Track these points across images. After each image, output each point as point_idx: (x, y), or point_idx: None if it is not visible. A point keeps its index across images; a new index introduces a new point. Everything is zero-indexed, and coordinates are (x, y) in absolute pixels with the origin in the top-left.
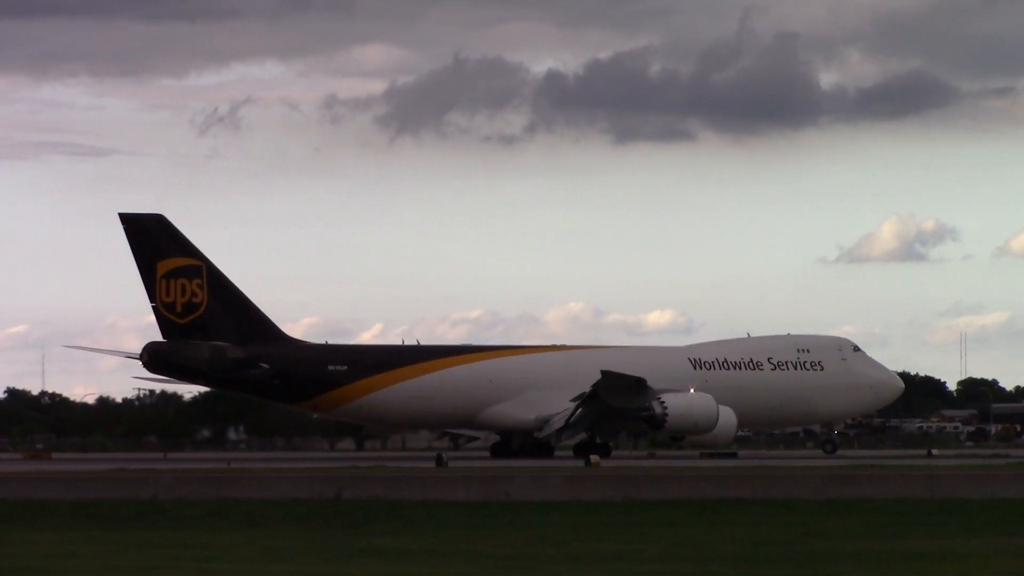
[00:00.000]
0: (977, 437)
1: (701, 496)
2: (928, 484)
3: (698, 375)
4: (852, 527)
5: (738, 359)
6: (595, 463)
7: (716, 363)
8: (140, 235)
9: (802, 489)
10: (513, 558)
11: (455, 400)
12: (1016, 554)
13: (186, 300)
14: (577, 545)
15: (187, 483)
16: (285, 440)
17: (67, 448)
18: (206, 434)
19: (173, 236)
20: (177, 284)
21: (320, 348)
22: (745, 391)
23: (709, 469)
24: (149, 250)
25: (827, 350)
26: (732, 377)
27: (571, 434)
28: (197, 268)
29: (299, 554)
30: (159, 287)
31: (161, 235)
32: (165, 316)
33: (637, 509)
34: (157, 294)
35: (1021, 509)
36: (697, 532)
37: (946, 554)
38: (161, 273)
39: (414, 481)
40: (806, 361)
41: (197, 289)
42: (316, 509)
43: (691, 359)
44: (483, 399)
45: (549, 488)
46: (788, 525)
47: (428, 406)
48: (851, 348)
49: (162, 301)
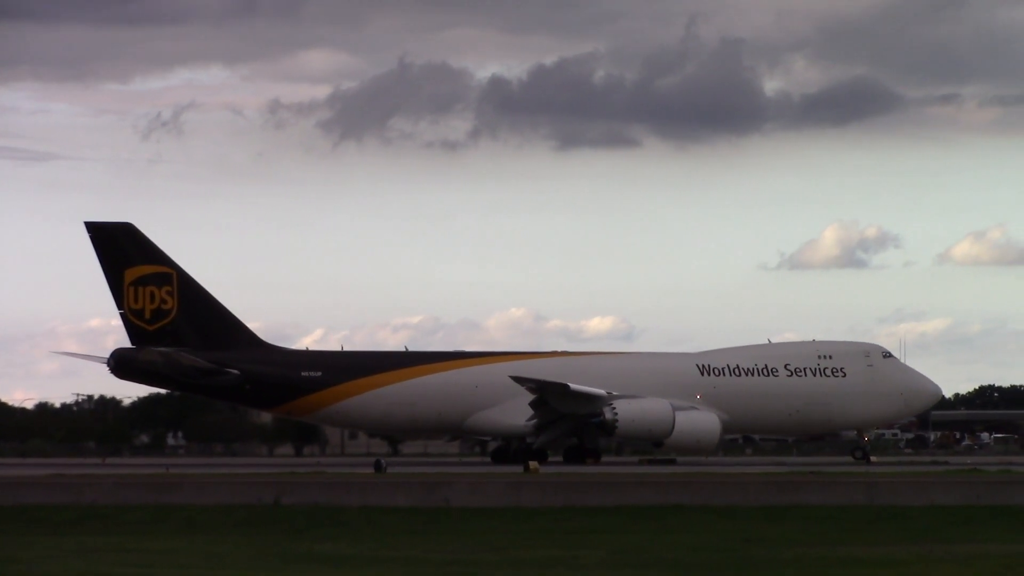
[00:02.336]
0: (916, 444)
1: (641, 502)
2: (867, 491)
3: (706, 381)
4: (791, 533)
5: (751, 365)
6: (534, 469)
7: (727, 369)
8: (107, 243)
9: (742, 495)
10: (452, 564)
11: (439, 406)
12: (955, 561)
13: (155, 307)
14: (516, 551)
15: (126, 488)
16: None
17: (6, 453)
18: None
19: (141, 244)
20: (146, 291)
21: (293, 354)
22: (758, 398)
23: (649, 476)
24: (116, 258)
25: (852, 356)
26: (743, 383)
27: (558, 440)
28: (167, 275)
29: (239, 559)
30: (127, 294)
31: (129, 243)
32: (133, 323)
33: (577, 515)
34: (125, 301)
35: (959, 516)
36: (637, 539)
37: (886, 561)
38: (129, 280)
39: (353, 487)
40: (827, 368)
41: (167, 296)
42: (256, 514)
43: (699, 365)
44: (470, 405)
45: (489, 494)
46: (728, 531)
47: (409, 412)
48: (880, 354)
49: (130, 308)
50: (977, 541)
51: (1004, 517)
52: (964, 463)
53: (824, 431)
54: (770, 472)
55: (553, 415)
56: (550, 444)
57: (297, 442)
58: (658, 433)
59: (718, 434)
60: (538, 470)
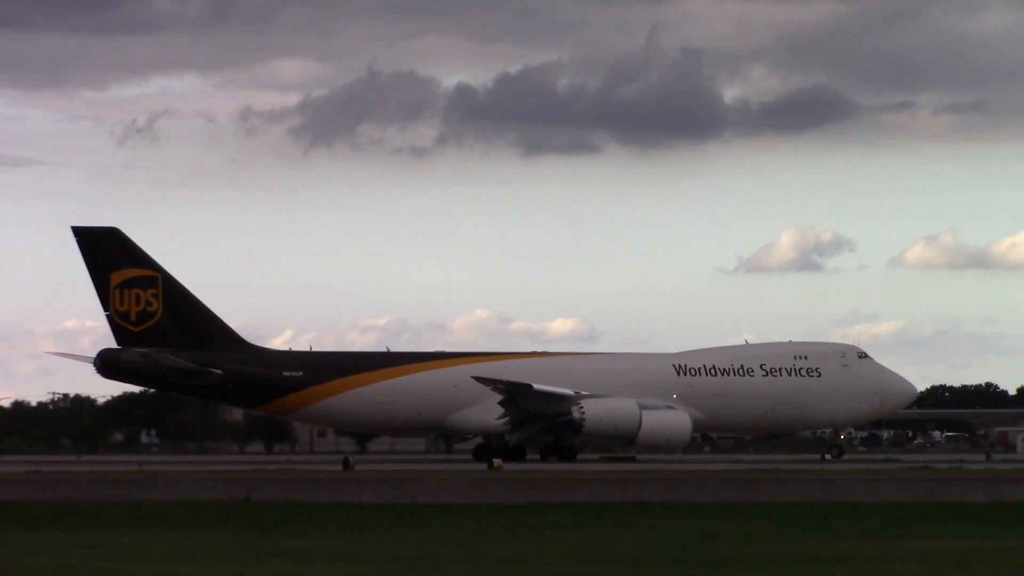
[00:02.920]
0: (870, 442)
1: (603, 499)
2: (822, 488)
3: (682, 381)
4: (749, 529)
5: (727, 366)
6: (497, 466)
7: (703, 369)
8: (93, 247)
9: (701, 493)
10: (419, 559)
11: (419, 405)
12: (908, 557)
13: (140, 309)
14: (481, 546)
15: (102, 485)
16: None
17: None
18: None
19: (127, 248)
20: (132, 294)
21: (276, 354)
22: (732, 397)
23: (611, 473)
24: (103, 261)
25: (827, 357)
26: (718, 383)
27: (536, 438)
28: (152, 278)
29: (211, 554)
30: (113, 296)
31: (115, 247)
32: (119, 324)
33: (540, 511)
34: (111, 303)
35: (912, 512)
36: (599, 534)
37: (841, 556)
38: (115, 283)
39: (322, 484)
40: (803, 368)
41: (152, 298)
42: (227, 510)
43: (675, 366)
44: (450, 404)
45: (454, 491)
46: (687, 527)
47: (389, 411)
48: (856, 355)
49: (116, 310)
50: (930, 537)
51: (955, 513)
52: (916, 461)
53: (799, 429)
54: (728, 470)
55: (524, 414)
56: (527, 442)
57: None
58: (625, 432)
59: (688, 432)
60: (502, 468)
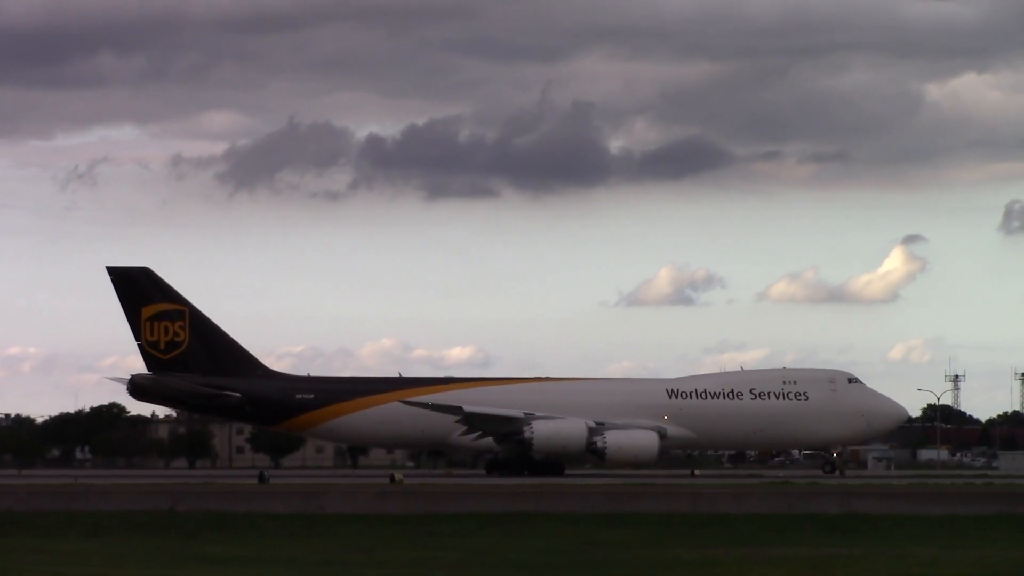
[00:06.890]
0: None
1: (494, 510)
2: (692, 500)
3: (673, 403)
4: (626, 538)
5: (718, 390)
6: (399, 480)
7: (694, 393)
8: (127, 284)
9: (583, 504)
10: (327, 564)
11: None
12: (769, 563)
13: (168, 339)
14: (383, 553)
15: (39, 496)
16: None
17: None
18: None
19: (158, 285)
20: (160, 326)
21: (290, 378)
22: (722, 418)
23: (502, 486)
24: (135, 297)
25: (816, 381)
26: (707, 405)
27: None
28: (180, 312)
29: (139, 559)
30: (144, 328)
31: (147, 284)
32: (149, 352)
33: (437, 521)
34: (142, 334)
35: (774, 523)
36: (489, 541)
37: (707, 562)
38: (146, 316)
39: (240, 495)
40: (791, 392)
41: (179, 330)
42: (153, 520)
43: (668, 390)
44: (450, 424)
45: (359, 502)
46: (570, 535)
47: (395, 430)
48: (845, 380)
49: (147, 340)
50: (788, 545)
51: (811, 523)
52: (777, 476)
53: (787, 448)
54: (609, 484)
55: (482, 433)
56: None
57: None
58: (573, 449)
59: (655, 449)
60: (403, 481)
